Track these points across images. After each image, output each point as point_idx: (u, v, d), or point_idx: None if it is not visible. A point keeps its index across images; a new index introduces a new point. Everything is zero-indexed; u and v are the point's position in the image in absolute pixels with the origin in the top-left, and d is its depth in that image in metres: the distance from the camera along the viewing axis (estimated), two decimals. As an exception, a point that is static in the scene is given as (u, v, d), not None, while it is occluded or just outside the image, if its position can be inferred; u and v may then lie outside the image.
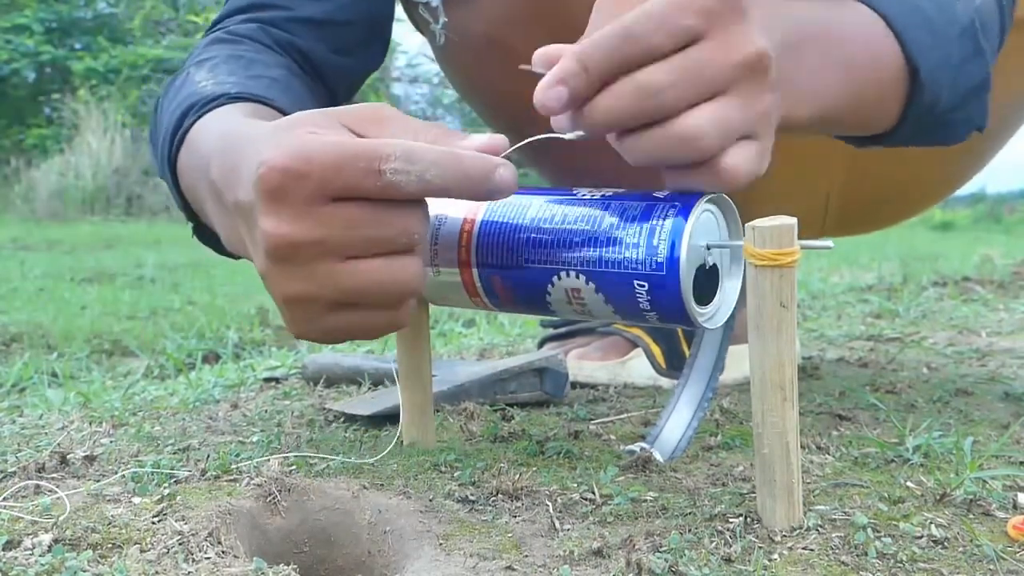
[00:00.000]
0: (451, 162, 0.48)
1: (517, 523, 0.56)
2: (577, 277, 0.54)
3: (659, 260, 0.51)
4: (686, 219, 0.50)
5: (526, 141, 0.53)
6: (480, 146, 0.50)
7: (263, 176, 0.48)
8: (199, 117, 0.67)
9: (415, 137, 0.50)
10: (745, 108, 0.50)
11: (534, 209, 0.56)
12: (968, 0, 0.69)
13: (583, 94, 0.49)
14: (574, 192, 0.56)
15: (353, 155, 0.47)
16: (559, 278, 0.54)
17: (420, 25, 0.87)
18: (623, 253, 0.52)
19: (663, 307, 0.52)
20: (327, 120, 0.51)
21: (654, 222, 0.51)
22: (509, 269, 0.56)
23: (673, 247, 0.50)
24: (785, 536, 0.52)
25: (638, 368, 1.03)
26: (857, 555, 0.51)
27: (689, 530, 0.53)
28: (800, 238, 0.50)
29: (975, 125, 0.73)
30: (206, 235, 0.73)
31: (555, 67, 0.49)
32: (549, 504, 0.58)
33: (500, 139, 0.50)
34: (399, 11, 0.91)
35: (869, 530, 0.53)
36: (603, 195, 0.55)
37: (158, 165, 0.75)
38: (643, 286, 0.51)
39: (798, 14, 0.61)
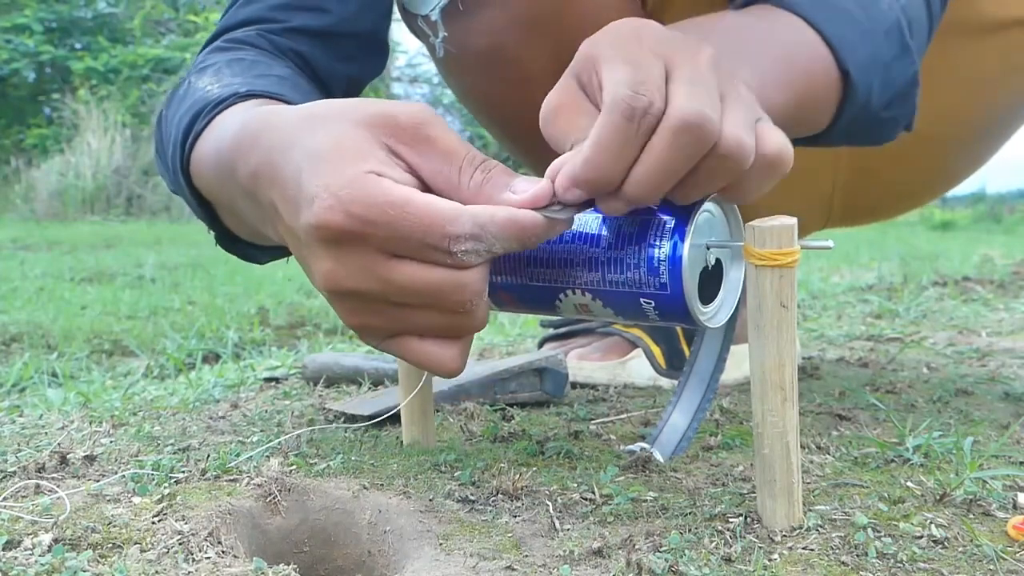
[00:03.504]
0: (515, 231, 0.47)
1: (517, 523, 0.56)
2: (584, 294, 0.54)
3: (662, 281, 0.51)
4: (683, 238, 0.50)
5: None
6: (528, 200, 0.48)
7: (320, 226, 0.47)
8: (210, 120, 0.65)
9: (460, 175, 0.49)
10: (741, 99, 0.50)
11: None
12: None
13: (605, 187, 0.48)
14: None
15: (422, 227, 0.46)
16: (566, 295, 0.55)
17: (419, 35, 0.86)
18: (626, 274, 0.52)
19: (670, 316, 0.53)
20: (371, 138, 0.49)
21: (652, 240, 0.51)
22: (514, 287, 0.57)
23: (674, 269, 0.50)
24: (785, 536, 0.52)
25: (638, 368, 1.03)
26: (857, 555, 0.51)
27: (689, 530, 0.53)
28: (806, 233, 0.50)
29: (903, 124, 0.73)
30: (228, 242, 0.72)
31: (563, 173, 0.48)
32: (549, 504, 0.58)
33: (546, 190, 0.49)
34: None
35: (869, 530, 0.53)
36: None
37: (169, 177, 0.74)
38: (650, 303, 0.52)
39: (727, 25, 0.61)
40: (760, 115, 0.52)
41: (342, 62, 0.84)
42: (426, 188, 0.49)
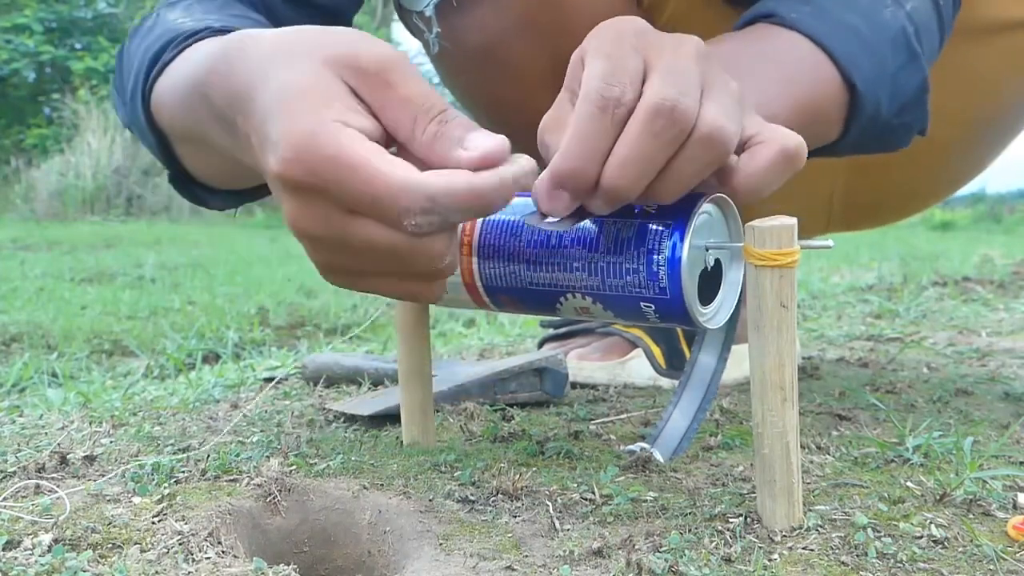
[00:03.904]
0: (471, 200, 0.45)
1: (517, 523, 0.56)
2: (584, 298, 0.54)
3: (662, 285, 0.51)
4: (682, 241, 0.50)
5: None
6: (483, 156, 0.46)
7: (279, 175, 0.46)
8: (180, 51, 0.63)
9: (415, 125, 0.47)
10: (729, 93, 0.50)
11: (528, 230, 0.55)
12: (897, 5, 0.69)
13: (587, 182, 0.48)
14: None
15: (371, 195, 0.45)
16: (566, 298, 0.55)
17: (414, 32, 0.86)
18: (625, 278, 0.52)
19: (670, 318, 0.53)
20: (336, 79, 0.47)
21: (651, 244, 0.51)
22: (514, 291, 0.57)
23: (673, 273, 0.50)
24: (785, 536, 0.52)
25: (638, 368, 1.03)
26: (857, 555, 0.51)
27: (689, 530, 0.53)
28: (804, 236, 0.50)
29: (917, 129, 0.73)
30: (181, 184, 0.70)
31: (545, 175, 0.48)
32: (549, 504, 0.58)
33: (501, 146, 0.46)
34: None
35: (869, 530, 0.53)
36: None
37: (125, 110, 0.71)
38: (650, 307, 0.52)
39: (727, 48, 0.61)
40: (748, 110, 0.52)
41: (305, 21, 0.82)
42: (388, 136, 0.47)
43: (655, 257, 0.51)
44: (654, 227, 0.51)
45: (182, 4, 0.72)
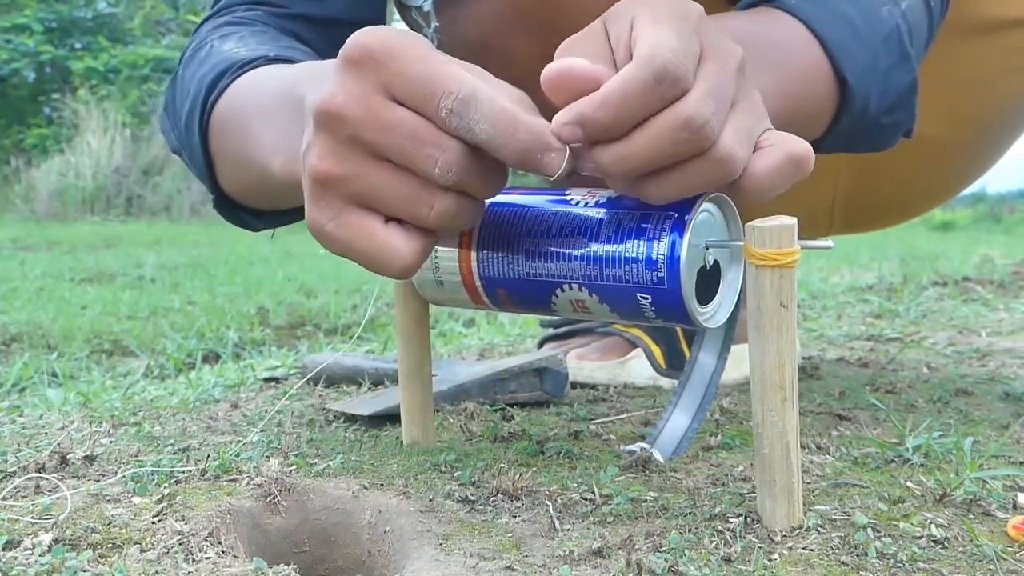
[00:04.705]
0: (505, 127, 0.46)
1: (517, 523, 0.56)
2: (580, 290, 0.54)
3: (660, 275, 0.51)
4: (682, 233, 0.50)
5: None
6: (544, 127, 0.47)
7: (350, 45, 0.48)
8: (238, 76, 0.67)
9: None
10: (753, 110, 0.50)
11: (528, 221, 0.56)
12: (893, 4, 0.69)
13: (603, 136, 0.47)
14: (567, 197, 0.56)
15: (422, 77, 0.47)
16: (562, 290, 0.55)
17: (413, 28, 0.87)
18: (623, 268, 0.52)
19: (667, 314, 0.53)
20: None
21: (651, 236, 0.51)
22: (511, 282, 0.57)
23: (672, 264, 0.50)
24: (785, 536, 0.52)
25: (638, 368, 1.03)
26: (857, 555, 0.51)
27: (689, 530, 0.53)
28: (805, 238, 0.50)
29: (903, 130, 0.73)
30: (227, 208, 0.73)
31: (575, 106, 0.47)
32: (549, 504, 0.58)
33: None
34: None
35: (869, 530, 0.53)
36: (596, 201, 0.54)
37: (176, 135, 0.75)
38: (647, 299, 0.52)
39: (735, 27, 0.61)
40: (767, 126, 0.52)
41: (335, 50, 0.84)
42: None
43: (655, 246, 0.51)
44: (656, 217, 0.51)
45: (235, 36, 0.75)
